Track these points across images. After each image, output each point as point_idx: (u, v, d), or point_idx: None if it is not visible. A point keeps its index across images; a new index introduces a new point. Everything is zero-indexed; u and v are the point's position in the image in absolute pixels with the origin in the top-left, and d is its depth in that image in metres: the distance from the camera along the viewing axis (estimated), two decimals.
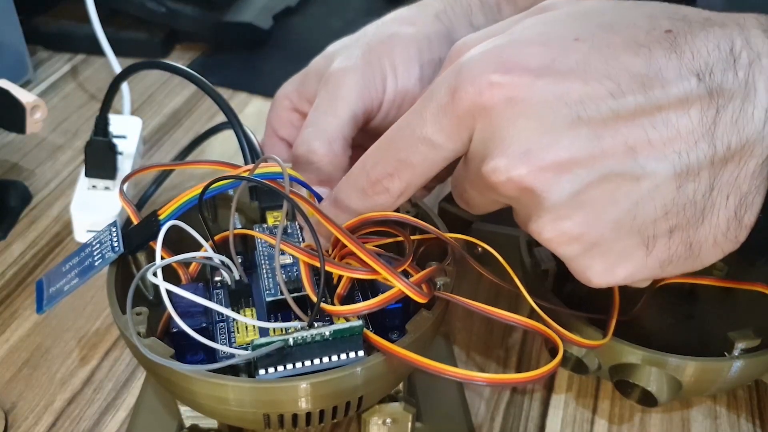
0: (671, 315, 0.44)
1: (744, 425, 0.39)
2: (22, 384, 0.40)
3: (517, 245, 0.39)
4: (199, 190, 0.33)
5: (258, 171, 0.32)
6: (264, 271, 0.34)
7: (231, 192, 0.38)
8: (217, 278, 0.34)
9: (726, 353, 0.35)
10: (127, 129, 0.52)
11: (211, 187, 0.32)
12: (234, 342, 0.32)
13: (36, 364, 0.41)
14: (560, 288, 0.43)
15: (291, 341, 0.28)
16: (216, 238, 0.35)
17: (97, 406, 0.39)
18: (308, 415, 0.29)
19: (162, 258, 0.29)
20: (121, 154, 0.49)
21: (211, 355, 0.31)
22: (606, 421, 0.39)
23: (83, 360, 0.42)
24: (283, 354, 0.28)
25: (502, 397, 0.40)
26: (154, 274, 0.28)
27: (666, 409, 0.40)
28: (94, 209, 0.48)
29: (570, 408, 0.40)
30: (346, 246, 0.31)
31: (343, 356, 0.28)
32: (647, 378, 0.35)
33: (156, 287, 0.30)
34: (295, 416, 0.29)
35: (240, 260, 0.35)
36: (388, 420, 0.34)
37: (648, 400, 0.36)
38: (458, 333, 0.44)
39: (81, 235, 0.49)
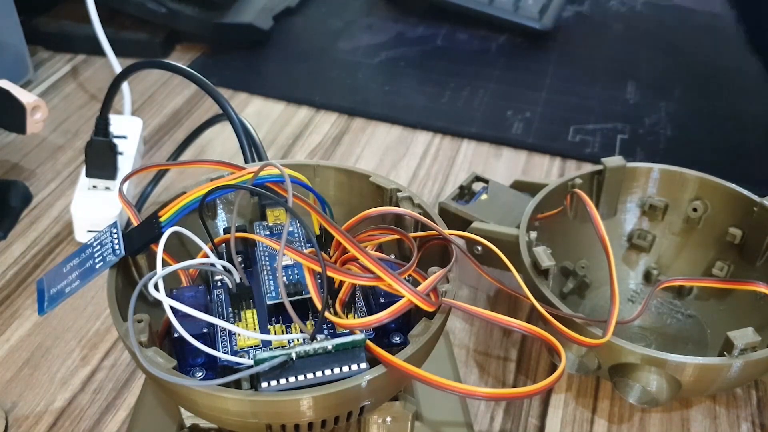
0: (671, 315, 0.44)
1: (743, 425, 0.39)
2: (22, 384, 0.40)
3: (517, 245, 0.40)
4: (200, 193, 0.33)
5: (260, 174, 0.32)
6: (264, 271, 0.34)
7: (231, 196, 0.38)
8: (218, 277, 0.34)
9: (726, 353, 0.35)
10: (127, 129, 0.52)
11: (214, 192, 0.32)
12: (235, 344, 0.32)
13: (36, 364, 0.42)
14: (560, 288, 0.43)
15: (294, 355, 0.28)
16: (216, 240, 0.35)
17: (97, 406, 0.39)
18: (310, 424, 0.29)
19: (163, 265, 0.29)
20: (121, 154, 0.49)
21: (212, 358, 0.31)
22: (606, 421, 0.39)
23: (84, 360, 0.42)
24: (285, 366, 0.28)
25: None
26: (156, 287, 0.28)
27: (666, 409, 0.40)
28: (95, 209, 0.48)
29: (570, 408, 0.40)
30: (349, 251, 0.31)
31: (346, 368, 0.28)
32: (647, 378, 0.35)
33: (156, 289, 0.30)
34: (297, 426, 0.29)
35: (240, 259, 0.35)
36: (388, 419, 0.34)
37: (648, 400, 0.36)
38: (458, 332, 0.44)
39: (81, 235, 0.49)
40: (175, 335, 0.29)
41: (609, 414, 0.40)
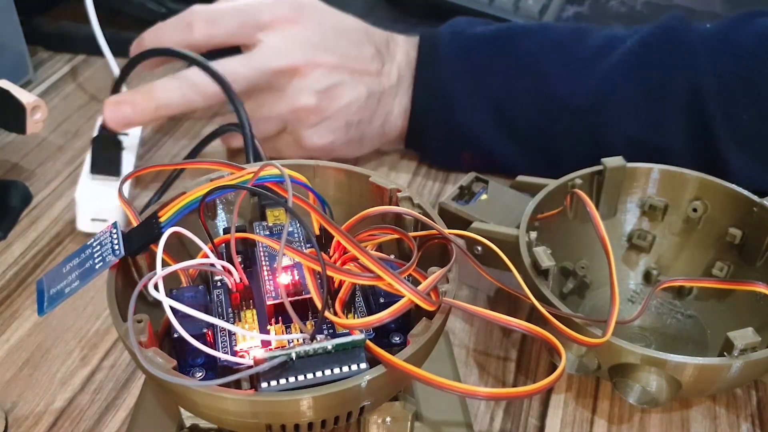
0: (671, 315, 0.44)
1: (743, 426, 0.39)
2: (22, 384, 0.40)
3: (517, 245, 0.40)
4: (200, 193, 0.33)
5: (260, 174, 0.32)
6: (264, 271, 0.34)
7: (231, 196, 0.38)
8: (218, 277, 0.34)
9: (726, 353, 0.35)
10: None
11: (214, 192, 0.32)
12: (235, 344, 0.32)
13: (36, 364, 0.41)
14: (560, 288, 0.43)
15: (294, 355, 0.28)
16: (216, 241, 0.35)
17: (97, 406, 0.39)
18: (310, 425, 0.29)
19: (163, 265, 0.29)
20: (123, 149, 0.49)
21: (212, 358, 0.31)
22: (605, 421, 0.39)
23: (83, 360, 0.42)
24: (285, 366, 0.28)
25: None
26: (155, 287, 0.28)
27: (666, 409, 0.40)
28: (100, 197, 0.47)
29: (570, 408, 0.40)
30: (349, 250, 0.31)
31: (346, 369, 0.28)
32: (647, 378, 0.35)
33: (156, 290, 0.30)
34: (296, 426, 0.29)
35: (240, 259, 0.35)
36: (388, 419, 0.34)
37: (647, 400, 0.36)
38: (458, 332, 0.44)
39: (84, 224, 0.48)
40: (175, 335, 0.29)
41: (609, 414, 0.40)
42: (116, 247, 0.32)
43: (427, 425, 0.36)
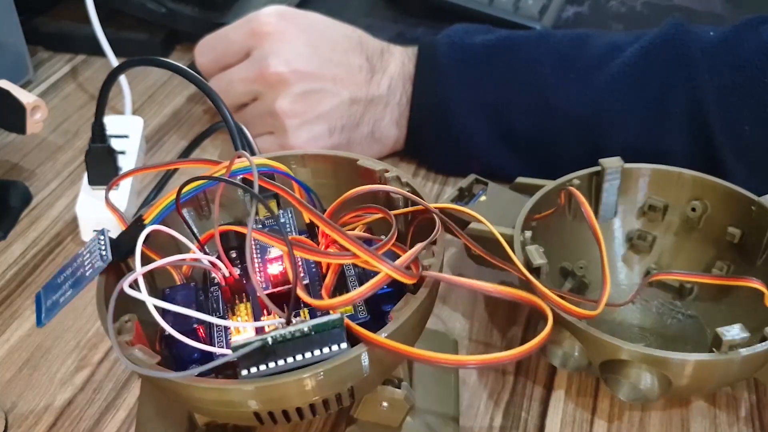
0: (671, 315, 0.44)
1: (743, 426, 0.39)
2: (22, 384, 0.40)
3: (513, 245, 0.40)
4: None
5: (235, 167, 0.32)
6: (255, 263, 0.33)
7: (227, 193, 0.38)
8: (213, 275, 0.34)
9: (715, 349, 0.35)
10: (128, 128, 0.52)
11: (186, 189, 0.32)
12: (230, 338, 0.32)
13: (36, 364, 0.42)
14: (558, 288, 0.43)
15: (270, 340, 0.27)
16: (202, 237, 0.35)
17: (97, 406, 0.39)
18: (299, 411, 0.29)
19: (143, 265, 0.29)
20: (123, 153, 0.49)
21: (208, 354, 0.30)
22: (605, 421, 0.39)
23: (83, 360, 0.42)
24: (265, 352, 0.27)
25: (501, 397, 0.40)
26: (131, 286, 0.28)
27: (665, 409, 0.40)
28: (99, 209, 0.47)
29: (569, 408, 0.40)
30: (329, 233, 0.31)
31: (326, 350, 0.28)
32: (636, 374, 0.35)
33: (149, 283, 0.30)
34: (285, 412, 0.29)
35: (235, 254, 0.35)
36: (384, 403, 0.33)
37: (638, 397, 0.36)
38: (458, 331, 0.44)
39: (87, 235, 0.48)
40: (166, 333, 0.29)
41: (609, 414, 0.40)
42: (104, 253, 0.32)
43: (417, 414, 0.36)
